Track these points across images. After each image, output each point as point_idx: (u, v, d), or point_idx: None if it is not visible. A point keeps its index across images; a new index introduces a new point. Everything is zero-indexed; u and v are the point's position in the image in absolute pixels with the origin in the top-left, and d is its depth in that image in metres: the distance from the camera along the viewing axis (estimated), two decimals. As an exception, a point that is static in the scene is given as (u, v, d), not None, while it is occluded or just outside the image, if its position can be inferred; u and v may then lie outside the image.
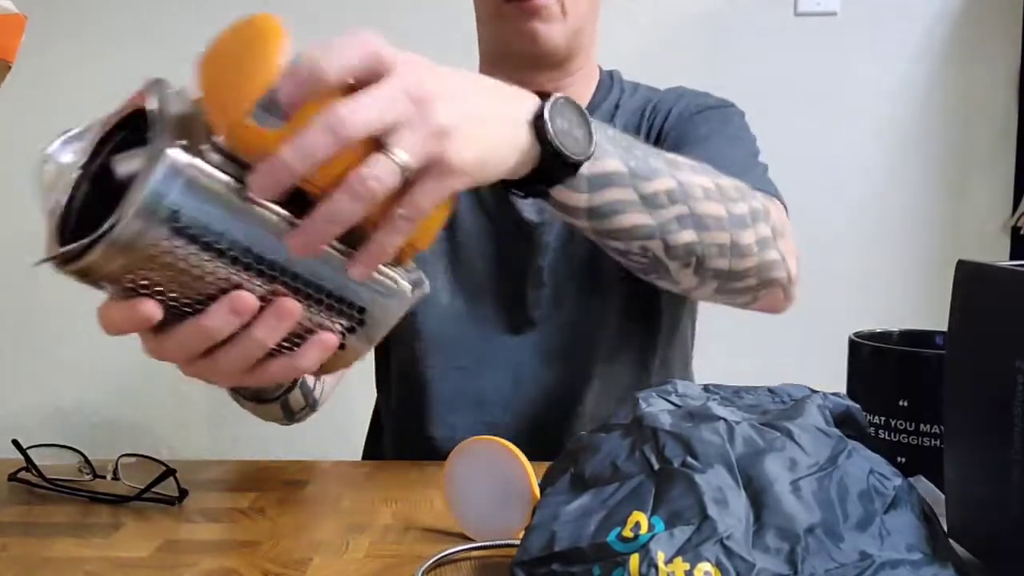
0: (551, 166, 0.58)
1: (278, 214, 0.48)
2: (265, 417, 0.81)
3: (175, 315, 0.50)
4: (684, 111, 0.96)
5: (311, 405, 0.82)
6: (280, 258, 0.49)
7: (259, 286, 0.49)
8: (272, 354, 0.53)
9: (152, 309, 0.48)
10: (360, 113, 0.45)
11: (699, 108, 0.96)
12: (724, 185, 0.71)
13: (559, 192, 0.61)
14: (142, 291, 0.48)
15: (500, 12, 0.89)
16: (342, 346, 0.54)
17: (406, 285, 0.55)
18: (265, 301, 0.50)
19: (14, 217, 1.76)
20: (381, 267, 0.53)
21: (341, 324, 0.53)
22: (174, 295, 0.49)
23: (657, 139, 0.95)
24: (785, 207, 0.86)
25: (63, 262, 0.47)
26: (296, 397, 0.78)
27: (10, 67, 0.66)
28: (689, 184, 0.67)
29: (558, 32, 0.89)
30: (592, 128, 0.61)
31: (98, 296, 0.50)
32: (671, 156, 0.69)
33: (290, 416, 0.82)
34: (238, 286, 0.49)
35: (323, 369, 0.56)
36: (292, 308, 0.50)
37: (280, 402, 0.77)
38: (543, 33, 0.88)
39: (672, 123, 0.95)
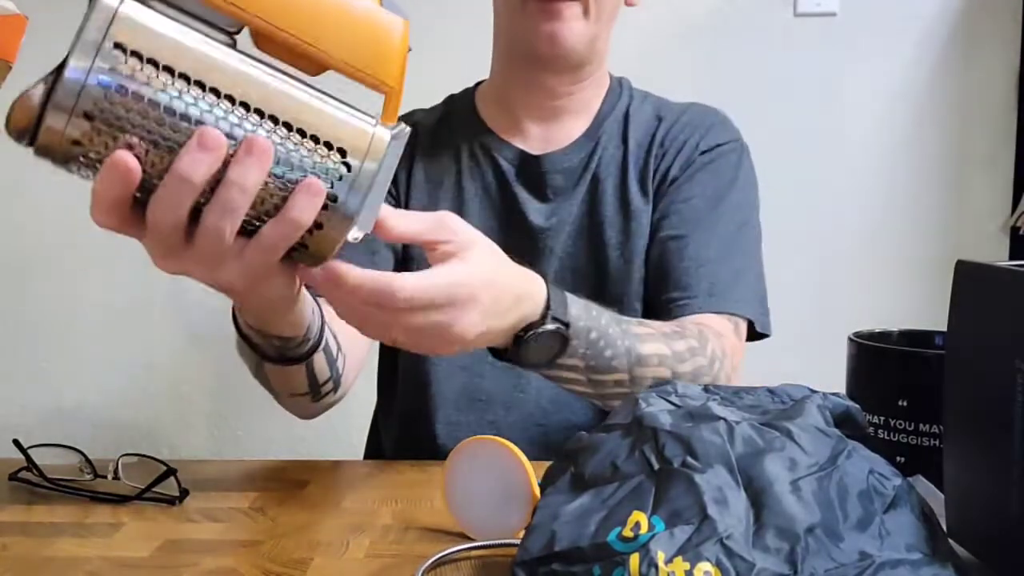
0: (520, 357, 0.70)
1: (245, 60, 0.50)
2: (292, 390, 0.79)
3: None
4: (693, 151, 0.96)
5: (335, 379, 0.81)
6: (241, 93, 0.50)
7: (226, 126, 0.50)
8: (251, 228, 0.53)
9: (126, 156, 0.49)
10: None
11: (708, 146, 0.96)
12: (679, 350, 0.79)
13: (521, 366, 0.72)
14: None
15: (524, 9, 0.89)
16: (333, 200, 0.52)
17: (384, 130, 0.53)
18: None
19: (14, 217, 1.77)
20: (355, 110, 0.53)
21: (324, 171, 0.52)
22: (147, 152, 0.49)
23: (664, 178, 0.95)
24: (752, 322, 0.91)
25: (35, 125, 0.48)
26: (320, 363, 0.77)
27: (10, 67, 0.66)
28: (641, 377, 0.76)
29: (578, 35, 0.89)
30: (569, 335, 0.71)
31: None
32: (636, 331, 0.77)
33: (316, 390, 0.80)
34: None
35: (313, 243, 0.54)
36: (263, 144, 0.50)
37: (306, 365, 0.75)
38: (563, 35, 0.88)
39: (681, 164, 0.95)
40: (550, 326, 0.69)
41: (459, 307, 0.61)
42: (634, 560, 0.44)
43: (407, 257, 0.96)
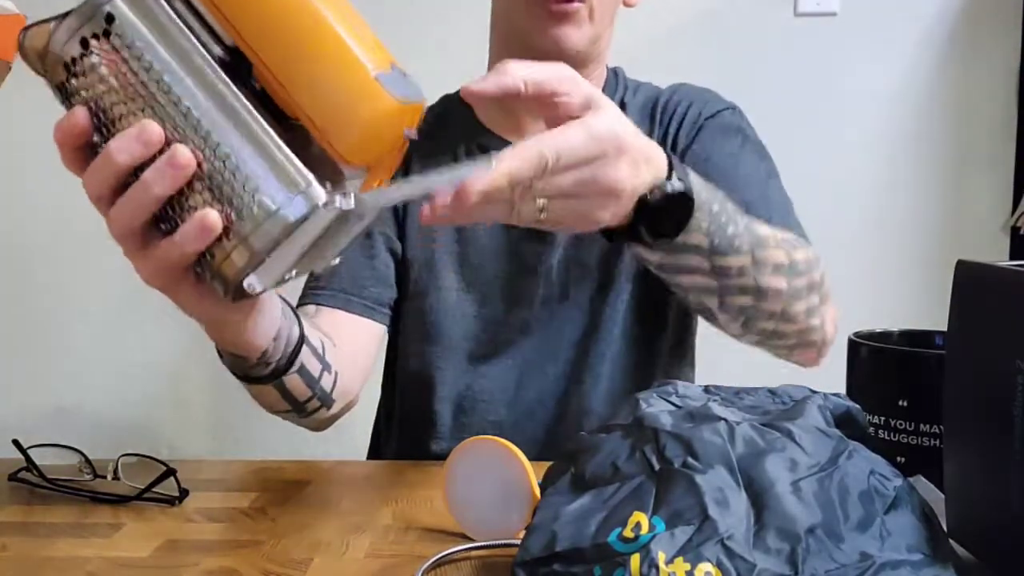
0: (642, 231, 0.64)
1: (217, 76, 0.51)
2: (271, 406, 0.78)
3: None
4: (697, 117, 0.95)
5: (320, 397, 0.79)
6: (194, 107, 0.51)
7: (169, 131, 0.51)
8: (166, 223, 0.54)
9: (82, 115, 0.52)
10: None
11: (711, 112, 0.96)
12: (797, 260, 0.75)
13: (642, 249, 0.67)
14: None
15: (529, 10, 0.88)
16: (227, 233, 0.52)
17: (319, 191, 0.51)
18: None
19: (14, 217, 1.77)
20: (296, 162, 0.51)
21: (232, 205, 0.51)
22: (106, 121, 0.52)
23: (673, 148, 0.94)
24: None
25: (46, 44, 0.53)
26: (296, 383, 0.75)
27: (10, 67, 0.66)
28: (763, 260, 0.71)
29: (582, 37, 0.89)
30: (693, 195, 0.64)
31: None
32: (759, 232, 0.72)
33: (299, 408, 0.78)
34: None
35: (208, 269, 0.54)
36: (186, 159, 0.51)
37: (275, 386, 0.74)
38: (567, 38, 0.88)
39: (687, 131, 0.95)
40: (677, 184, 0.64)
41: (611, 158, 0.58)
42: (635, 561, 0.44)
43: (405, 260, 0.95)
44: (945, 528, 0.53)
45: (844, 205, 1.76)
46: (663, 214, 0.64)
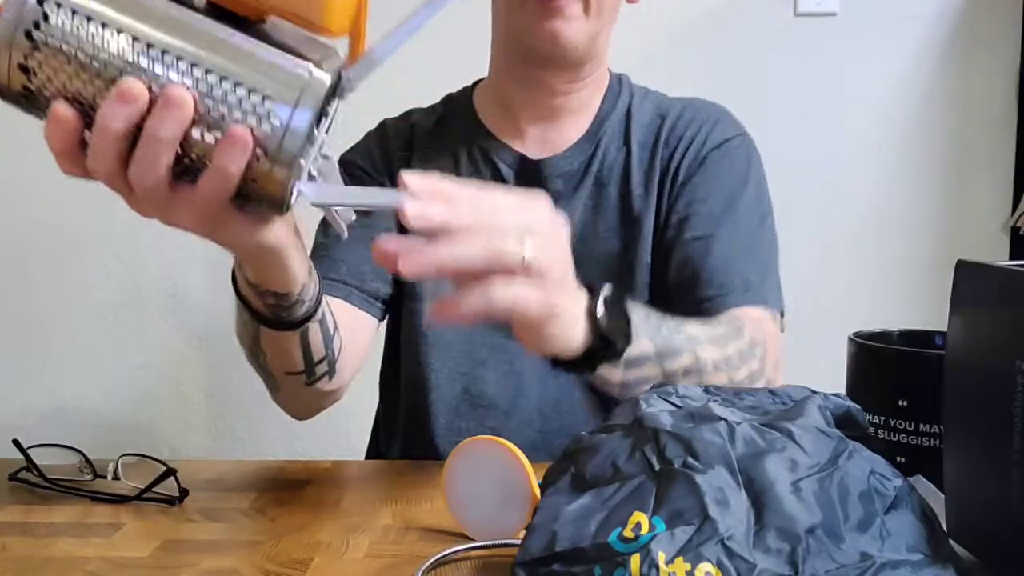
0: (599, 352, 0.66)
1: (171, 6, 0.50)
2: (286, 366, 0.78)
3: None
4: (701, 146, 0.95)
5: (329, 360, 0.79)
6: (166, 42, 0.50)
7: (151, 76, 0.50)
8: (194, 171, 0.53)
9: (63, 107, 0.50)
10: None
11: (717, 142, 0.96)
12: (730, 355, 0.77)
13: (604, 370, 0.68)
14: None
15: (525, 5, 0.88)
16: (265, 152, 0.51)
17: (321, 74, 0.51)
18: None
19: (14, 217, 1.77)
20: (287, 55, 0.51)
21: (255, 122, 0.51)
22: (87, 100, 0.50)
23: (674, 177, 0.95)
24: (783, 313, 0.92)
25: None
26: (315, 337, 0.75)
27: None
28: (702, 359, 0.74)
29: (579, 33, 0.88)
30: (630, 314, 0.68)
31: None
32: (691, 331, 0.76)
33: (310, 368, 0.78)
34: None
35: (252, 196, 0.53)
36: (179, 95, 0.49)
37: (301, 335, 0.74)
38: (564, 33, 0.88)
39: (690, 161, 0.95)
40: (612, 294, 0.66)
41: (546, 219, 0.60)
42: (635, 561, 0.44)
43: (402, 290, 0.96)
44: (945, 528, 0.53)
45: (844, 205, 1.76)
46: (613, 322, 0.66)
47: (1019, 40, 1.73)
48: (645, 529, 0.45)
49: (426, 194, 0.55)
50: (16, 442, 0.75)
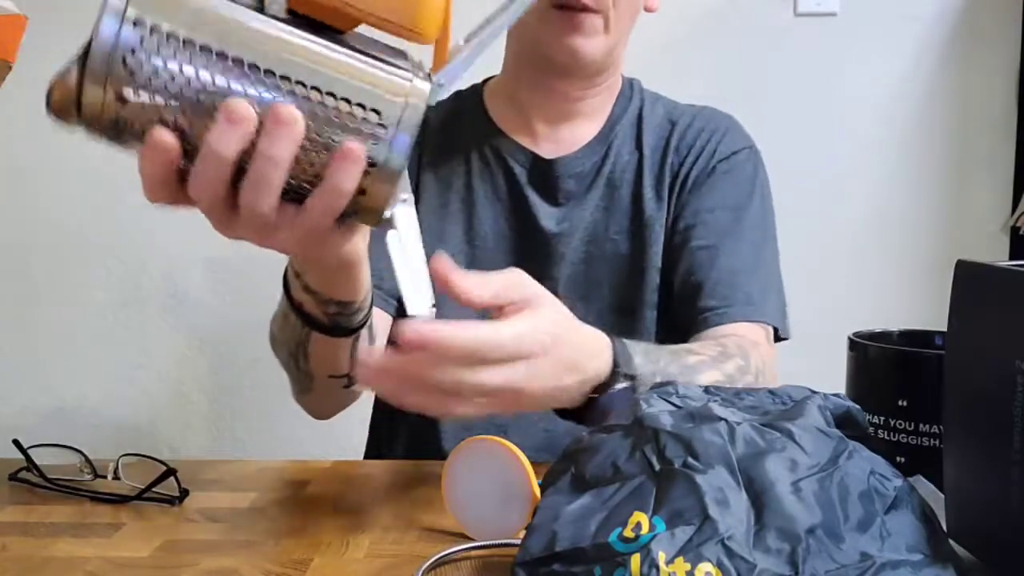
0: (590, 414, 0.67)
1: (269, 24, 0.49)
2: (331, 370, 0.78)
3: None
4: (711, 157, 0.96)
5: None
6: (267, 60, 0.48)
7: (255, 96, 0.49)
8: (302, 193, 0.52)
9: (164, 133, 0.48)
10: None
11: (726, 153, 0.96)
12: (730, 372, 0.78)
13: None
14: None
15: (545, 17, 0.88)
16: (372, 165, 0.51)
17: (422, 84, 0.51)
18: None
19: (15, 217, 1.77)
20: (393, 65, 0.51)
21: (361, 134, 0.50)
22: (186, 125, 0.49)
23: (683, 184, 0.95)
24: (776, 329, 0.93)
25: (74, 105, 0.48)
26: (364, 341, 0.75)
27: (11, 67, 0.66)
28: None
29: (598, 47, 0.89)
30: (635, 371, 0.68)
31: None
32: (690, 362, 0.76)
33: (353, 371, 0.78)
34: None
35: (361, 207, 0.52)
36: (289, 113, 0.48)
37: (353, 339, 0.74)
38: (583, 48, 0.88)
39: (699, 171, 0.95)
40: (622, 384, 0.67)
41: (531, 360, 0.58)
42: (635, 561, 0.44)
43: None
44: (945, 528, 0.53)
45: (844, 205, 1.76)
46: (609, 409, 0.66)
47: (1019, 40, 1.73)
48: (645, 529, 0.45)
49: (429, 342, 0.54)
50: (16, 442, 0.75)
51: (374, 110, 0.50)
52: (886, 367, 0.71)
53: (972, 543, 0.54)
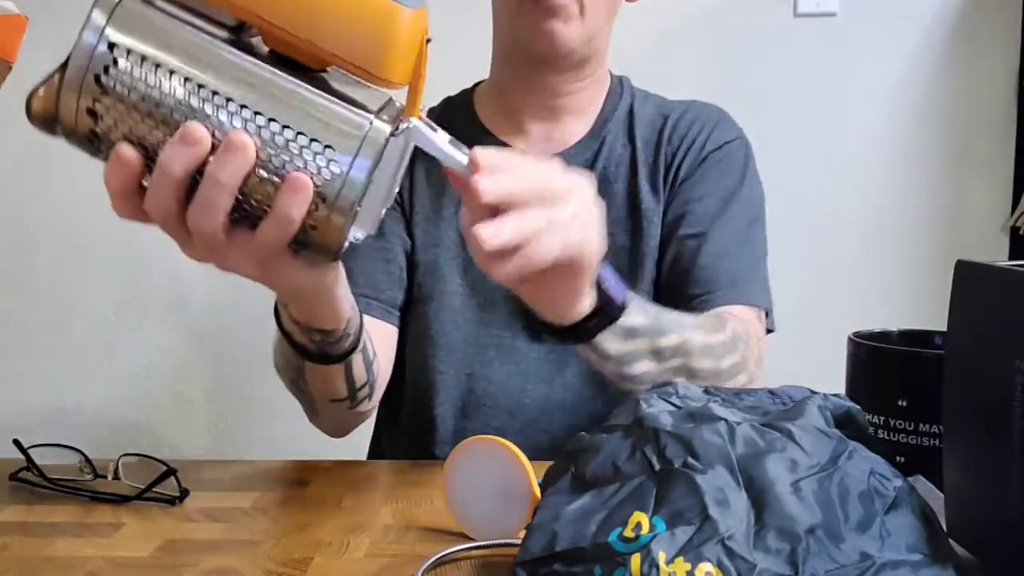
0: (601, 315, 0.69)
1: (238, 56, 0.51)
2: (330, 395, 0.79)
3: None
4: (702, 148, 0.97)
5: (371, 384, 0.82)
6: (229, 90, 0.51)
7: (215, 122, 0.51)
8: (251, 217, 0.53)
9: (127, 149, 0.51)
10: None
11: (716, 144, 0.97)
12: (714, 343, 0.79)
13: (603, 338, 0.70)
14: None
15: (521, 8, 0.88)
16: (323, 199, 0.52)
17: (382, 124, 0.52)
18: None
19: (14, 217, 1.77)
20: (357, 107, 0.52)
21: (316, 169, 0.51)
22: (149, 144, 0.52)
23: (676, 175, 0.96)
24: (767, 312, 0.94)
25: (52, 112, 0.52)
26: (359, 364, 0.77)
27: (11, 67, 0.66)
28: (689, 342, 0.76)
29: (576, 33, 0.89)
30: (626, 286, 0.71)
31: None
32: (679, 316, 0.78)
33: (353, 395, 0.80)
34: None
35: (309, 243, 0.54)
36: (241, 140, 0.50)
37: (345, 366, 0.75)
38: (561, 33, 0.88)
39: (691, 161, 0.96)
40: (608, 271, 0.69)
41: (584, 198, 0.63)
42: (635, 560, 0.44)
43: (412, 263, 0.96)
44: (945, 528, 0.53)
45: (844, 205, 1.76)
46: (612, 286, 0.69)
47: (1019, 40, 1.73)
48: (645, 529, 0.45)
49: (494, 169, 0.56)
50: (16, 442, 0.75)
51: (328, 146, 0.52)
52: (886, 367, 0.71)
53: (972, 543, 0.54)
